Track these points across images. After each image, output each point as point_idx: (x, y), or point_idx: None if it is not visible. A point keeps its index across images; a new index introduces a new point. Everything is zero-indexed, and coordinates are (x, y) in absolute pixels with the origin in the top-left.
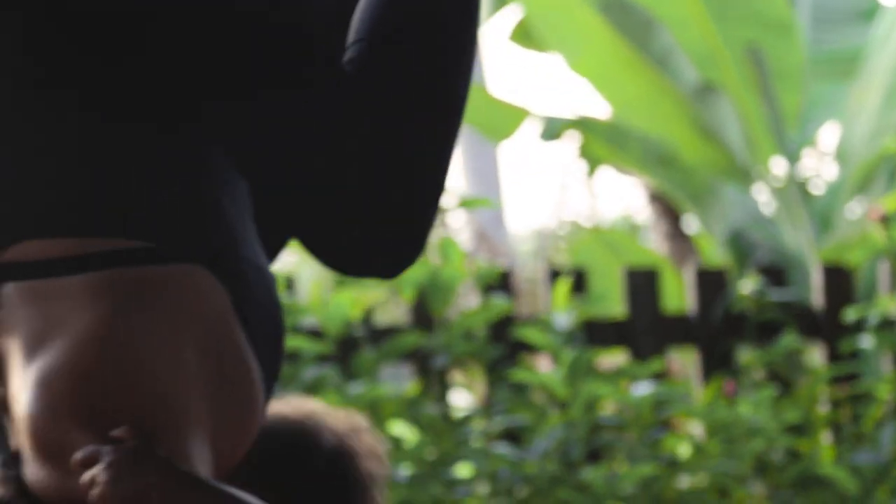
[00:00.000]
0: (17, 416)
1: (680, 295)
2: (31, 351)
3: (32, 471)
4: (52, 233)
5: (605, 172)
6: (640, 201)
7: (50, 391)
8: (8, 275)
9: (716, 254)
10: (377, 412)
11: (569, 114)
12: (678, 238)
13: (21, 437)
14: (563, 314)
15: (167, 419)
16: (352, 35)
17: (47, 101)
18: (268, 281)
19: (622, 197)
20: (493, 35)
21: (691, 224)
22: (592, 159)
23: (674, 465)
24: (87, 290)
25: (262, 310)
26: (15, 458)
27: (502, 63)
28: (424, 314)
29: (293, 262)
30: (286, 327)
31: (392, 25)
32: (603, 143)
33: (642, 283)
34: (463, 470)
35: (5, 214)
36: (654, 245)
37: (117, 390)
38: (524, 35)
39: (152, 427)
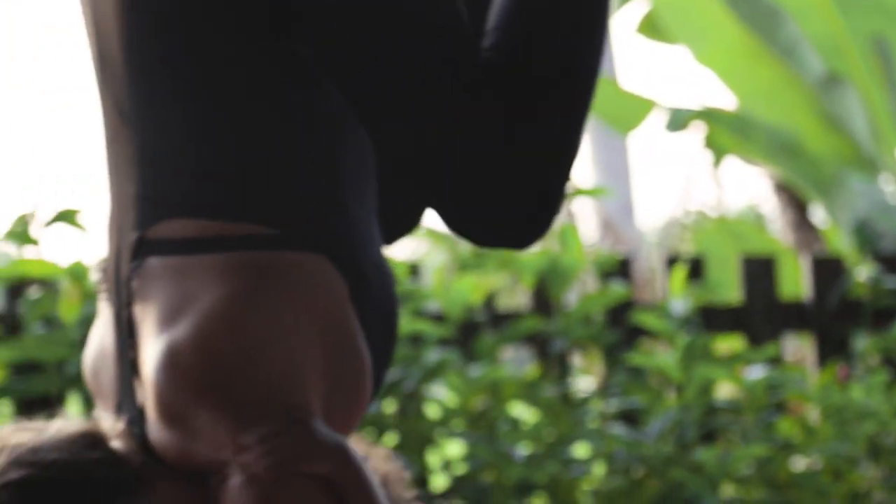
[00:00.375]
0: (145, 380)
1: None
2: (164, 322)
3: (155, 431)
4: (192, 214)
5: (732, 163)
6: (765, 191)
7: (176, 362)
8: (152, 250)
9: (842, 243)
10: (497, 393)
11: (695, 105)
12: (804, 228)
13: (147, 400)
14: (680, 300)
15: (287, 398)
16: (491, 21)
17: (194, 88)
18: (386, 279)
19: (748, 187)
20: (621, 27)
21: (817, 214)
22: (718, 150)
23: (788, 448)
24: (219, 270)
25: (378, 305)
26: (141, 417)
27: (630, 55)
28: (544, 299)
29: (421, 251)
30: (409, 313)
31: (530, 13)
32: (729, 133)
33: (759, 270)
34: (580, 450)
35: (154, 194)
36: (780, 235)
37: (239, 366)
38: (651, 27)
39: (273, 405)
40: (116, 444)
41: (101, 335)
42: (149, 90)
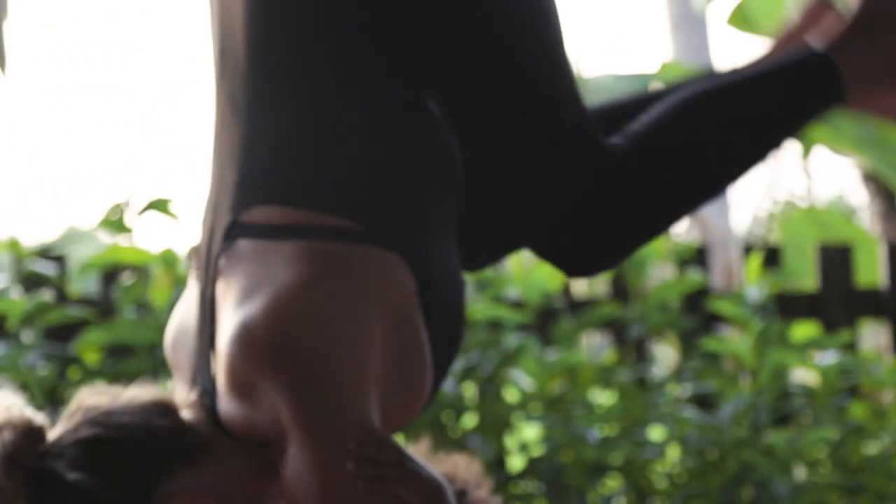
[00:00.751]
0: (219, 352)
1: None
2: (241, 299)
3: (223, 402)
4: (283, 202)
5: (822, 153)
6: (854, 182)
7: (248, 336)
8: (242, 232)
9: None
10: (575, 378)
11: None
12: (891, 217)
13: (218, 372)
14: (755, 287)
15: (349, 379)
16: (645, 117)
17: (304, 88)
18: (456, 286)
19: (838, 178)
20: (718, 17)
21: None
22: (807, 140)
23: (859, 432)
24: (297, 254)
25: (445, 309)
26: (213, 388)
27: (726, 46)
28: (622, 286)
29: None
30: (488, 299)
31: (681, 135)
32: (817, 124)
33: (835, 258)
34: (656, 433)
35: (252, 182)
36: (868, 225)
37: (306, 343)
38: (742, 19)
39: (335, 383)
40: (187, 414)
41: (185, 310)
42: (262, 85)
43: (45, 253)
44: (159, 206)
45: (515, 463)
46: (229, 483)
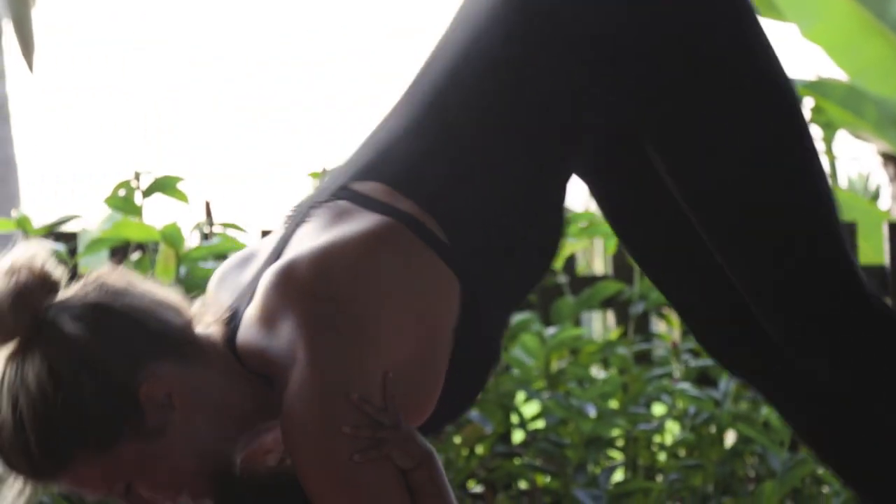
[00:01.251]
0: (261, 280)
1: None
2: (307, 242)
3: (245, 327)
4: (396, 187)
5: (843, 136)
6: (875, 164)
7: (289, 269)
8: (346, 195)
9: None
10: (576, 354)
11: (806, 77)
12: None
13: (254, 297)
14: None
15: (370, 338)
16: None
17: (475, 113)
18: (492, 342)
19: (860, 160)
20: None
21: None
22: (828, 123)
23: None
24: (375, 222)
25: (471, 359)
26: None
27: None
28: (624, 264)
29: None
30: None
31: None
32: (838, 106)
33: None
34: (655, 408)
35: (381, 164)
36: (888, 206)
37: (342, 293)
38: (766, 3)
39: (356, 337)
40: (202, 327)
41: (258, 248)
42: (442, 106)
43: (54, 230)
44: (167, 183)
45: (516, 437)
46: (209, 392)
